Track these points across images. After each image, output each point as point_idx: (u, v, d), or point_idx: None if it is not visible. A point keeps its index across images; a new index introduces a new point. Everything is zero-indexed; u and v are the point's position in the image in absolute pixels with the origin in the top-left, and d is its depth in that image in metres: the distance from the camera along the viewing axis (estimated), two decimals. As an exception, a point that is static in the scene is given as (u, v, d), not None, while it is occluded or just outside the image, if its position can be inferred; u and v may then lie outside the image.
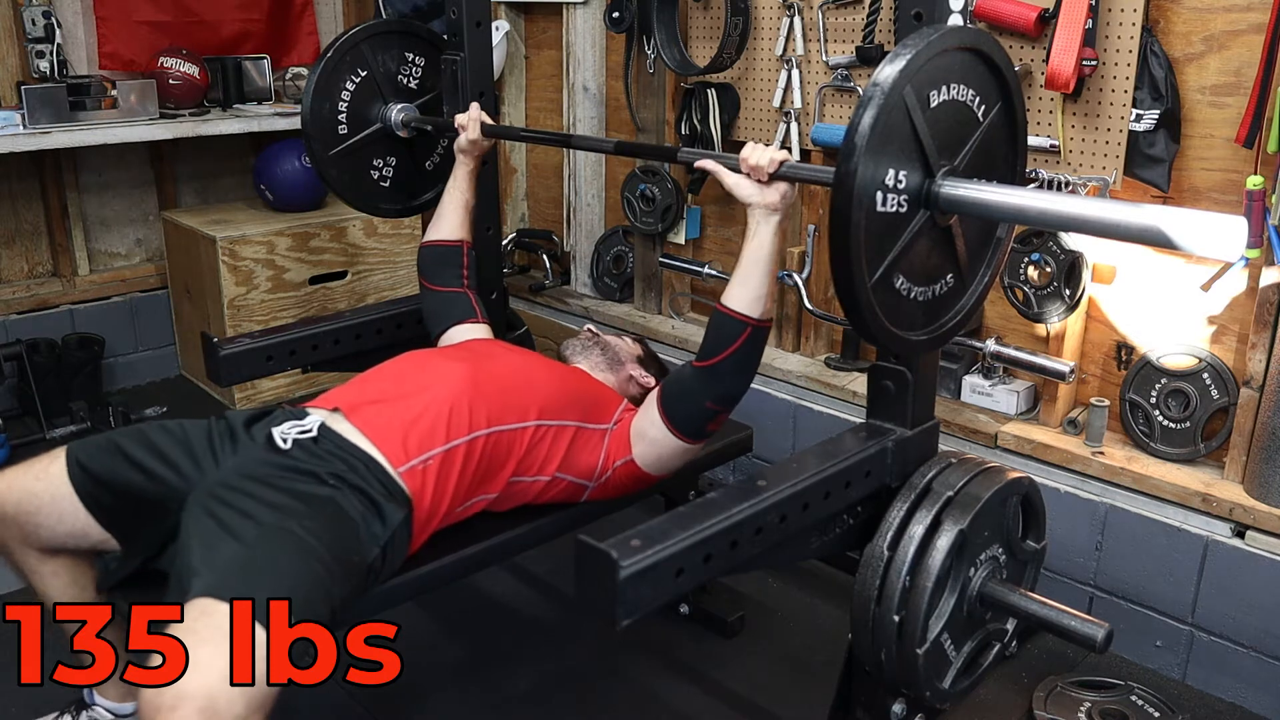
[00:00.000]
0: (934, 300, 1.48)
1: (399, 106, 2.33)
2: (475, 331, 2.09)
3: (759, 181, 1.59)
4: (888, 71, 1.27)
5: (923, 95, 1.32)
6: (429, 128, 2.32)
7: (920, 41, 1.29)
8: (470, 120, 2.15)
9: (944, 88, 1.35)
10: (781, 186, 1.57)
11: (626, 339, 2.17)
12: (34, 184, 3.36)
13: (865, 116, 1.25)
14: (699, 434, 1.74)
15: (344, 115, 2.29)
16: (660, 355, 2.26)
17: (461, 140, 2.16)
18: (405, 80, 2.37)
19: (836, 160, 1.29)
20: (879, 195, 1.30)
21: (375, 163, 2.38)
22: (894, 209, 1.33)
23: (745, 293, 1.63)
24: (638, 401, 1.90)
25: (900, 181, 1.32)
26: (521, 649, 2.22)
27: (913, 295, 1.43)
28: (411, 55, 2.37)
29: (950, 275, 1.49)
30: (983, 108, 1.43)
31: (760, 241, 1.61)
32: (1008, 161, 1.51)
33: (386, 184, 2.41)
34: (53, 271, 3.47)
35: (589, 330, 2.17)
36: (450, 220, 2.18)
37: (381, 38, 2.31)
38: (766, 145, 1.61)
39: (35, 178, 3.35)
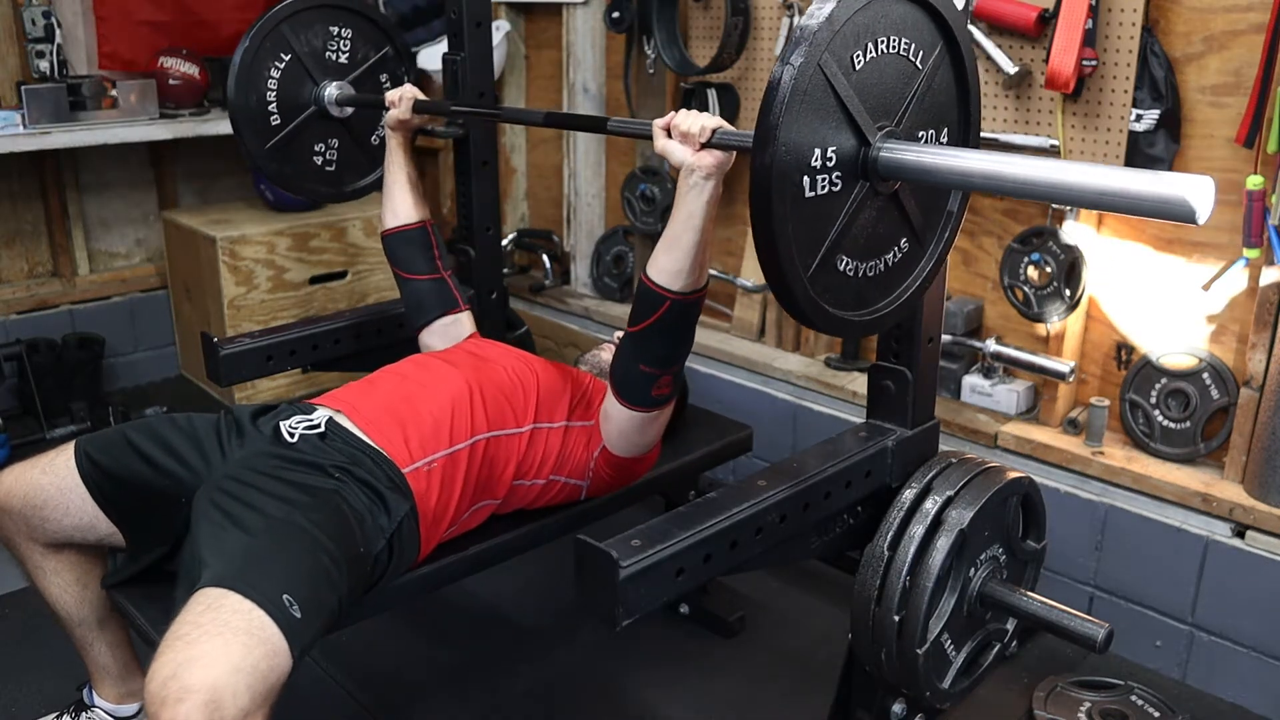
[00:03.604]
0: (889, 271, 1.36)
1: (332, 84, 2.22)
2: (460, 324, 2.06)
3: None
4: (798, 49, 1.14)
5: (845, 59, 1.19)
6: (366, 104, 2.23)
7: (827, 5, 1.15)
8: (402, 98, 2.05)
9: (870, 44, 1.22)
10: (717, 152, 1.45)
11: None
12: (34, 184, 3.36)
13: (774, 101, 1.13)
14: (644, 400, 1.68)
15: (273, 104, 2.18)
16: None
17: (390, 117, 2.07)
18: (334, 56, 2.24)
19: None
20: (805, 180, 1.18)
21: (316, 148, 2.27)
22: (826, 190, 1.21)
23: (668, 264, 1.52)
24: None
25: (830, 159, 1.20)
26: (521, 649, 2.22)
27: (860, 273, 1.32)
28: (337, 29, 2.23)
29: (904, 240, 1.37)
30: (920, 54, 1.28)
31: (690, 210, 1.47)
32: (960, 107, 1.37)
33: (332, 167, 2.30)
34: (53, 271, 3.47)
35: (611, 347, 2.10)
36: (401, 201, 2.09)
37: (301, 15, 2.18)
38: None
39: (35, 178, 3.35)
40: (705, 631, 2.27)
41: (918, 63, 1.28)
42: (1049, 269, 2.25)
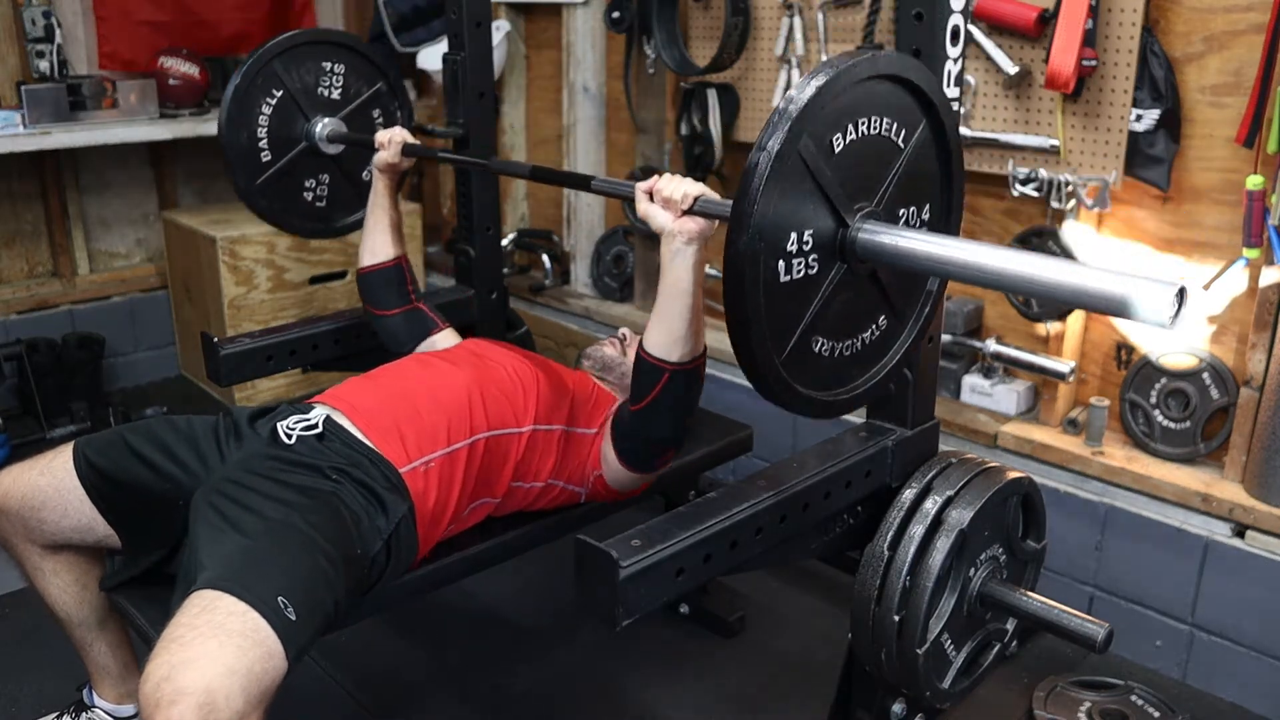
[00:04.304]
0: (866, 348, 1.36)
1: (323, 121, 2.20)
2: (440, 343, 2.04)
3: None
4: (775, 134, 1.12)
5: (824, 142, 1.17)
6: (356, 144, 2.21)
7: (807, 90, 1.13)
8: (391, 140, 2.03)
9: (850, 126, 1.20)
10: (699, 218, 1.43)
11: None
12: (34, 184, 3.36)
13: (749, 187, 1.11)
14: (648, 468, 1.74)
15: (264, 141, 2.16)
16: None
17: (379, 159, 2.04)
18: (326, 92, 2.23)
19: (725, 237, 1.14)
20: (780, 265, 1.16)
21: (307, 183, 2.25)
22: (802, 273, 1.19)
23: (662, 335, 1.51)
24: None
25: (807, 242, 1.19)
26: (521, 649, 2.22)
27: (837, 353, 1.31)
28: (329, 65, 2.21)
29: (882, 318, 1.36)
30: (903, 133, 1.27)
31: (676, 276, 1.45)
32: (943, 182, 1.36)
33: (323, 203, 2.28)
34: (53, 271, 3.47)
35: (615, 342, 2.07)
36: (381, 243, 2.07)
37: (294, 51, 2.16)
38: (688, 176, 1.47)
39: (35, 178, 3.35)
40: (705, 631, 2.27)
41: (899, 142, 1.27)
42: (1049, 269, 2.24)
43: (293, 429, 1.61)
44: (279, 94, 2.15)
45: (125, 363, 3.58)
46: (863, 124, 1.22)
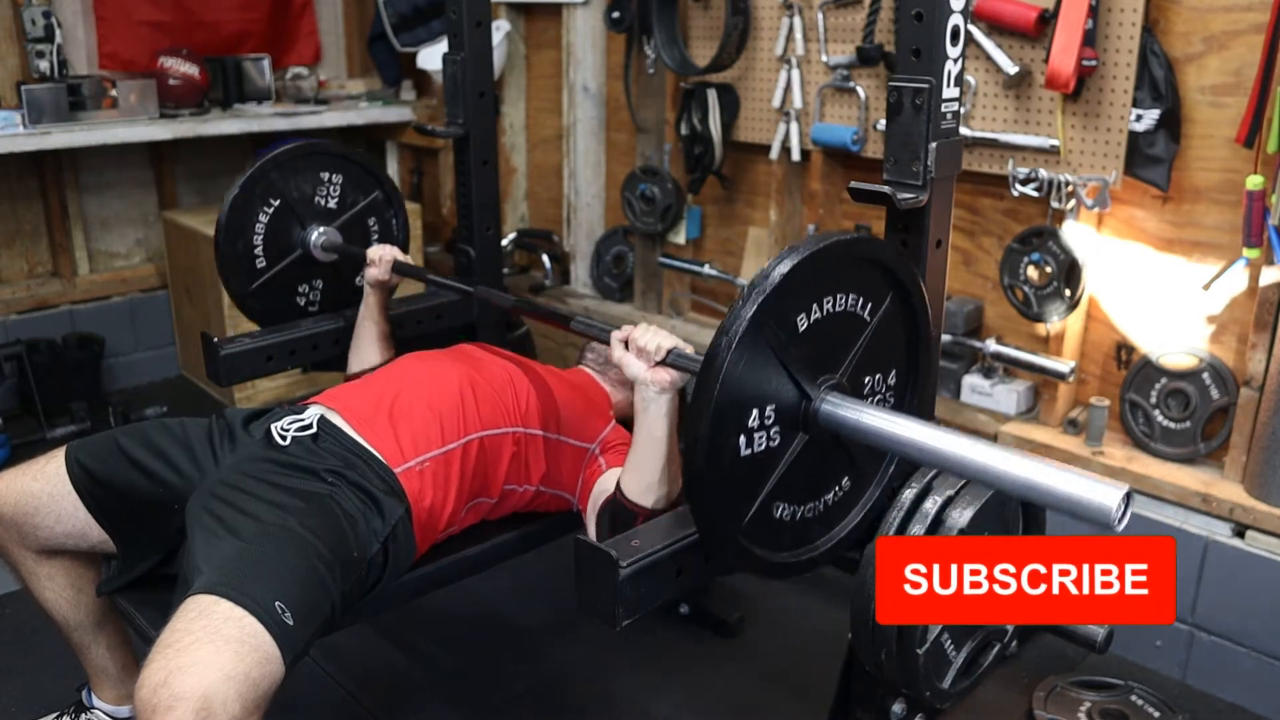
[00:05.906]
0: (829, 509, 1.36)
1: (318, 230, 2.19)
2: None
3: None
4: (738, 320, 1.12)
5: (789, 322, 1.18)
6: (348, 256, 2.20)
7: (774, 273, 1.14)
8: (381, 258, 2.03)
9: (815, 306, 1.21)
10: (672, 370, 1.44)
11: None
12: (34, 184, 3.36)
13: (712, 373, 1.12)
14: None
15: (259, 248, 2.16)
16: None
17: (369, 274, 2.03)
18: (323, 201, 2.22)
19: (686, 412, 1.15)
20: (740, 440, 1.16)
21: (300, 288, 2.24)
22: (764, 446, 1.19)
23: (636, 481, 1.49)
24: (630, 425, 1.85)
25: (769, 417, 1.19)
26: (520, 649, 2.22)
27: (799, 516, 1.31)
28: (327, 175, 2.22)
29: (846, 479, 1.36)
30: (868, 308, 1.28)
31: (649, 425, 1.46)
32: (910, 348, 1.37)
33: (315, 307, 2.27)
34: (53, 271, 3.47)
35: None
36: (369, 353, 2.06)
37: (292, 163, 2.16)
38: (655, 330, 1.46)
39: (35, 178, 3.35)
40: (705, 631, 2.27)
41: (865, 315, 1.28)
42: (1049, 269, 2.25)
43: (287, 430, 1.60)
44: (276, 203, 2.15)
45: (125, 363, 3.58)
46: (828, 302, 1.22)
